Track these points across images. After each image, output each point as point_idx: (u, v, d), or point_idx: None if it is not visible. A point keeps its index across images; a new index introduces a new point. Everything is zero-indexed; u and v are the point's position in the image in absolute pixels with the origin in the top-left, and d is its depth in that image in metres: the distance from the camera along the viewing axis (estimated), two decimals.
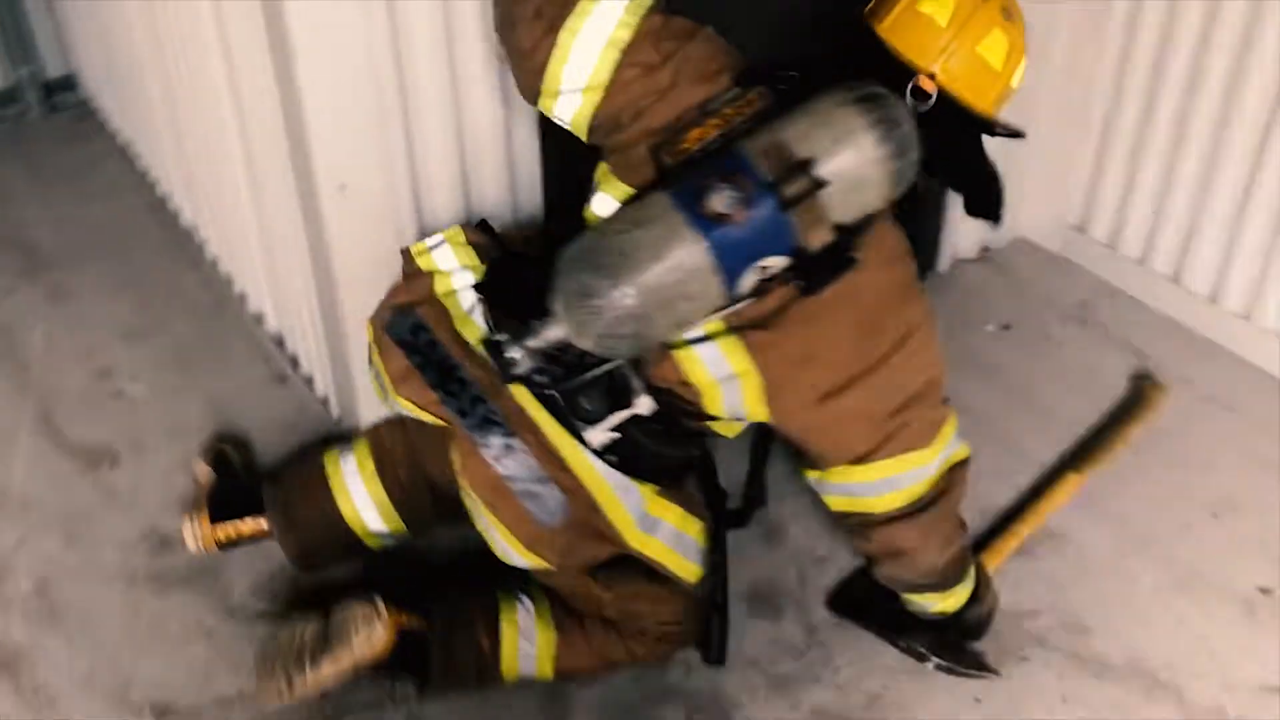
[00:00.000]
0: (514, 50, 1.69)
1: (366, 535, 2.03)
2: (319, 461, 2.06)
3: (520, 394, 1.66)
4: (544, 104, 1.70)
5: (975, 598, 1.95)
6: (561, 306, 1.49)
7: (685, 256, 1.46)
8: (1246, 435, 2.47)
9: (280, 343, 2.63)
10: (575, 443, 1.66)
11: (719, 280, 1.48)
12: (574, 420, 1.63)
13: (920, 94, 1.59)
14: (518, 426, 1.66)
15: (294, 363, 2.58)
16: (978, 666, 1.97)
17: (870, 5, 1.69)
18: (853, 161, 1.48)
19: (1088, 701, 1.95)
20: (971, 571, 1.94)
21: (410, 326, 1.74)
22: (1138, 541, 2.23)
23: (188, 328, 2.75)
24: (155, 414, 2.51)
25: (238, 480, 2.20)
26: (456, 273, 1.76)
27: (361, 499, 2.00)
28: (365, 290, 2.06)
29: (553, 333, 1.53)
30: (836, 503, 1.82)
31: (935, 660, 1.97)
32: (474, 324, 1.72)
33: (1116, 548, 2.22)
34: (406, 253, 1.81)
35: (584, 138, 1.71)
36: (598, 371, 1.59)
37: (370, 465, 2.00)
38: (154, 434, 2.46)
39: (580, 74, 1.62)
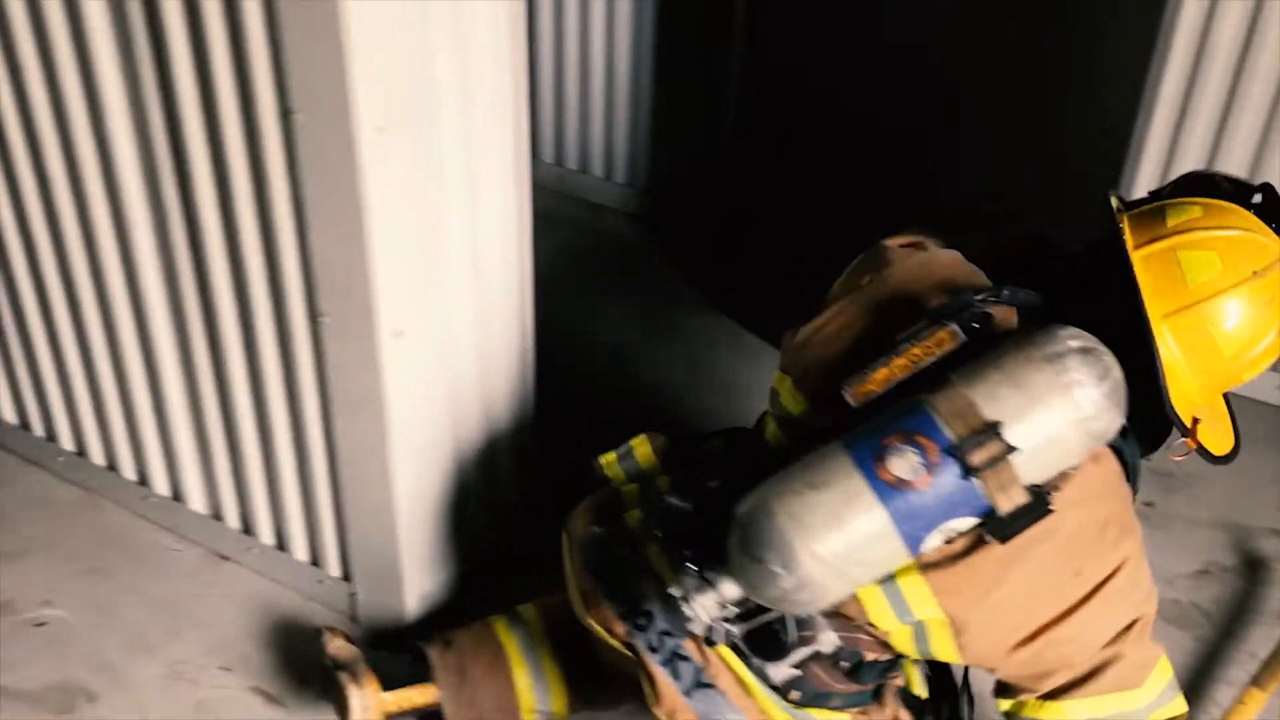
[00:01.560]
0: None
1: (528, 712, 1.94)
2: (491, 632, 1.95)
3: None
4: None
5: None
6: (736, 567, 1.42)
7: (864, 524, 1.37)
8: None
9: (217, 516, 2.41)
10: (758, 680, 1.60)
11: (899, 545, 1.39)
12: (754, 659, 1.58)
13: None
14: (706, 661, 1.61)
15: (246, 530, 2.38)
16: None
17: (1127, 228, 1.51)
18: (1046, 425, 1.36)
19: None
20: None
21: (600, 550, 1.69)
22: None
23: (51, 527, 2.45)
24: (103, 633, 2.23)
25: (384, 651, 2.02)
26: (642, 487, 1.72)
27: (536, 675, 1.93)
28: (417, 438, 2.06)
29: (729, 590, 1.46)
30: None
31: None
32: (662, 559, 1.63)
33: None
34: (597, 462, 1.78)
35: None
36: (733, 631, 1.52)
37: (546, 642, 1.94)
38: (116, 653, 2.19)
39: None
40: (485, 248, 2.07)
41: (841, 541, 1.36)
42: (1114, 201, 1.57)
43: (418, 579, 2.20)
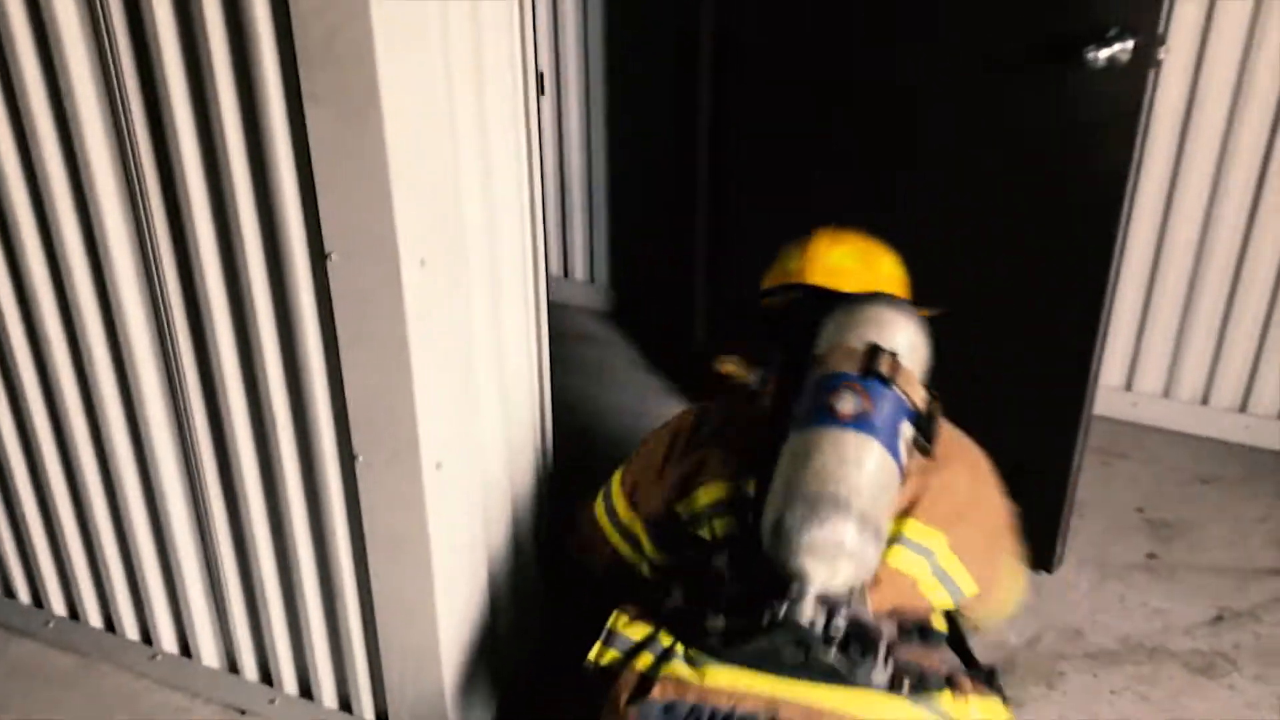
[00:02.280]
0: (590, 553, 2.01)
1: None
2: None
3: (805, 692, 1.61)
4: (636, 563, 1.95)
5: None
6: (806, 548, 1.55)
7: (867, 455, 1.60)
8: None
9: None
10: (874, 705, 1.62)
11: (892, 460, 1.63)
12: (859, 681, 1.60)
13: None
14: None
15: (266, 680, 2.26)
16: None
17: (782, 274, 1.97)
18: (903, 334, 1.72)
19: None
20: None
21: (659, 711, 1.63)
22: None
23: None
24: None
25: None
26: (653, 650, 1.71)
27: None
28: (457, 568, 2.00)
29: (809, 595, 1.55)
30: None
31: None
32: (714, 666, 1.65)
33: None
34: (591, 665, 1.73)
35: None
36: (840, 623, 1.58)
37: None
38: None
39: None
40: (511, 368, 2.05)
41: (862, 475, 1.58)
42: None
43: (462, 713, 2.12)
